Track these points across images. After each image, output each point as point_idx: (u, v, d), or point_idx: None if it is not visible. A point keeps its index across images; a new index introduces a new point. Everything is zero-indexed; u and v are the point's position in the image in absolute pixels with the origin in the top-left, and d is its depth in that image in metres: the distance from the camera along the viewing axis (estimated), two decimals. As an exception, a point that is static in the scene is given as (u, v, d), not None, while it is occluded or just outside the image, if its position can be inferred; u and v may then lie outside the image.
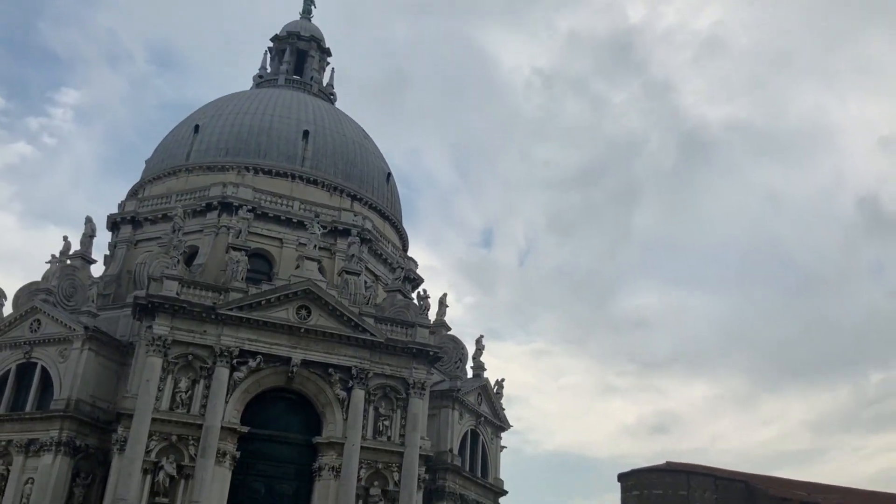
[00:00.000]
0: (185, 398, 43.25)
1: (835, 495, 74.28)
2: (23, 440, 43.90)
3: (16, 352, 47.06)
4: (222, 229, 56.89)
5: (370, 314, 48.81)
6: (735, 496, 72.39)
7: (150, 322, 43.85)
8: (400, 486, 45.50)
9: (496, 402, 58.11)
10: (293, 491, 45.23)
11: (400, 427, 47.04)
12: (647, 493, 72.17)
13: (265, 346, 45.33)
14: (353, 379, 46.39)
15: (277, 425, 45.99)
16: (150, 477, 41.22)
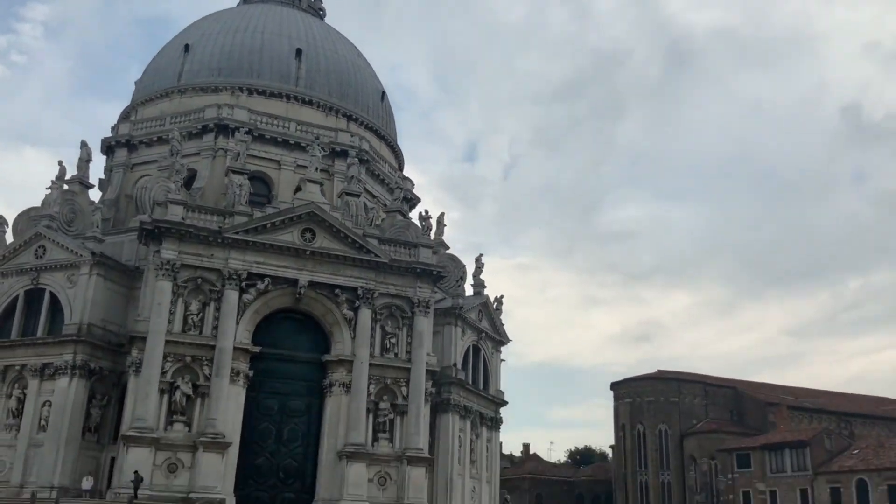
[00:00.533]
0: (196, 320, 43.99)
1: (820, 398, 77.41)
2: (37, 364, 44.72)
3: (22, 278, 47.37)
4: (219, 152, 56.68)
5: (374, 235, 49.34)
6: (724, 401, 75.29)
7: (158, 247, 44.14)
8: (408, 399, 46.99)
9: (496, 318, 59.47)
10: (305, 406, 46.63)
11: (406, 344, 48.23)
12: (640, 401, 74.80)
13: (272, 268, 45.87)
14: (360, 299, 47.23)
15: (287, 345, 47.00)
16: (167, 397, 42.32)
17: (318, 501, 44.12)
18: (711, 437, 69.44)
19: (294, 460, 45.63)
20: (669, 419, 72.42)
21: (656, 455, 71.83)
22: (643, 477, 72.25)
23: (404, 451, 45.76)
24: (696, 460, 69.69)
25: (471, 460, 53.91)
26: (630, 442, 73.65)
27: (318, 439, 45.91)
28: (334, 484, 44.27)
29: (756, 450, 62.17)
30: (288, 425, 46.03)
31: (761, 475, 61.15)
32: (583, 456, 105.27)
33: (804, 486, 58.15)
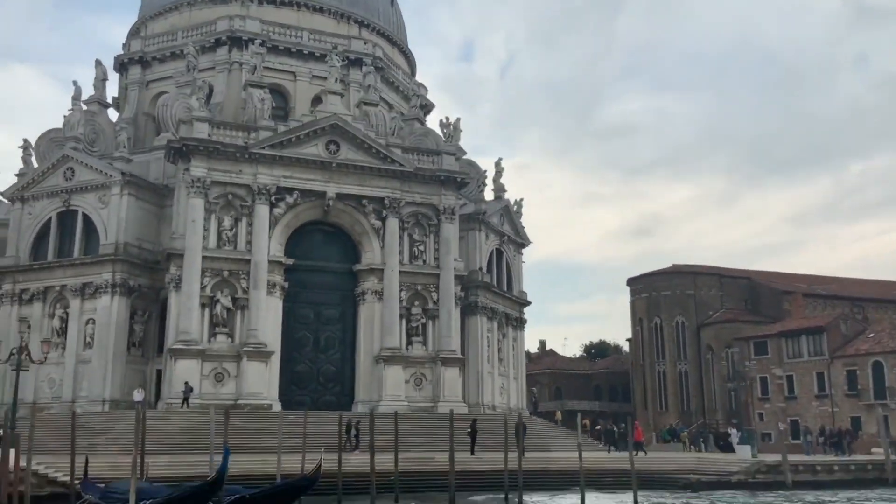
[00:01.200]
0: (230, 236, 44.92)
1: (832, 285, 78.87)
2: (77, 284, 45.94)
3: (53, 201, 48.04)
4: (234, 66, 56.27)
5: (397, 145, 49.62)
6: (738, 292, 76.83)
7: (187, 165, 44.60)
8: (438, 304, 48.38)
9: (517, 221, 60.30)
10: (339, 315, 48.13)
11: (434, 251, 49.26)
12: (656, 295, 76.39)
13: (300, 181, 46.43)
14: (386, 209, 47.97)
15: (318, 256, 48.10)
16: (208, 310, 43.72)
17: (357, 403, 46.08)
18: (727, 327, 71.40)
19: (332, 366, 47.47)
20: (686, 311, 74.29)
21: (673, 346, 74.03)
22: (661, 367, 74.70)
23: (438, 353, 47.45)
24: (713, 350, 71.90)
25: (498, 359, 55.81)
26: (647, 334, 75.76)
27: (353, 345, 47.62)
28: (373, 386, 46.19)
29: (773, 337, 64.06)
30: (324, 333, 47.65)
31: (778, 361, 63.26)
32: (597, 350, 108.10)
33: (821, 369, 60.23)
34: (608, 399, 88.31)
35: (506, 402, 55.85)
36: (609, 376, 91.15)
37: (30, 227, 48.37)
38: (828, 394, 59.81)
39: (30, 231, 48.32)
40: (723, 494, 28.86)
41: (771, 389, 63.96)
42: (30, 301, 47.11)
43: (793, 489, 30.66)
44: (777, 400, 63.54)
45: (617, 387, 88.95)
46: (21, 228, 48.44)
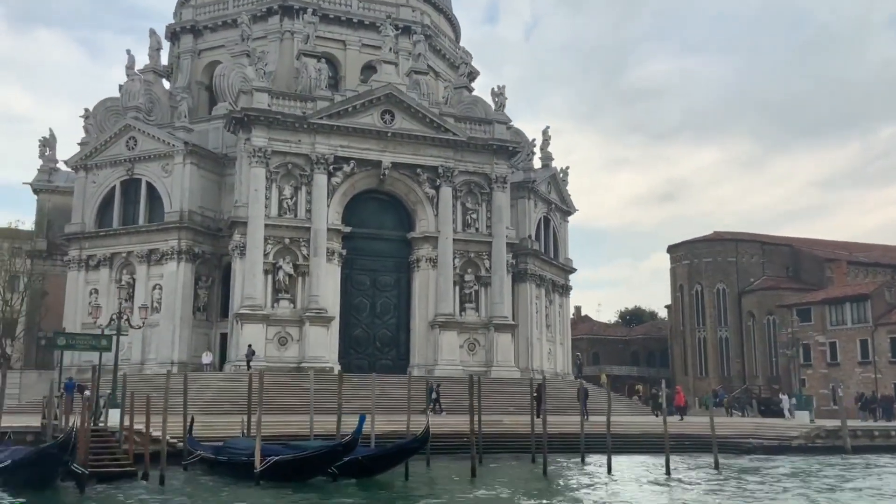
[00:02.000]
0: (290, 204, 46.09)
1: (874, 252, 78.79)
2: (143, 251, 47.48)
3: (117, 169, 49.41)
4: (286, 34, 56.98)
5: (450, 114, 50.30)
6: (780, 259, 77.00)
7: (248, 135, 45.64)
8: (491, 271, 49.39)
9: (563, 189, 60.91)
10: (394, 281, 49.33)
11: (486, 219, 50.16)
12: (697, 262, 76.77)
13: (356, 151, 47.36)
14: (440, 177, 48.82)
15: (374, 224, 49.20)
16: (271, 276, 45.09)
17: (413, 367, 47.40)
18: (769, 294, 71.74)
19: (388, 331, 48.79)
20: (727, 278, 74.64)
21: (714, 313, 74.56)
22: (701, 333, 75.37)
23: (491, 319, 48.55)
24: (754, 316, 72.40)
25: (546, 325, 56.86)
26: (688, 301, 76.35)
27: (408, 311, 48.85)
28: (428, 351, 47.50)
29: (817, 304, 64.44)
30: (380, 299, 48.92)
31: (821, 328, 63.73)
32: (632, 316, 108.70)
33: (864, 336, 60.65)
34: (646, 364, 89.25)
35: (553, 366, 57.03)
36: (646, 342, 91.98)
37: (94, 195, 49.85)
38: (871, 360, 60.26)
39: (94, 199, 49.82)
40: (788, 458, 29.78)
41: (813, 356, 64.51)
42: (97, 267, 48.77)
43: (852, 454, 31.58)
44: (819, 366, 64.16)
45: (654, 352, 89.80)
46: (86, 196, 49.94)
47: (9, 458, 19.41)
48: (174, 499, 19.31)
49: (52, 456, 19.04)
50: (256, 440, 20.44)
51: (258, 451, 20.31)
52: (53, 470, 19.43)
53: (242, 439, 25.02)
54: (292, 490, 20.47)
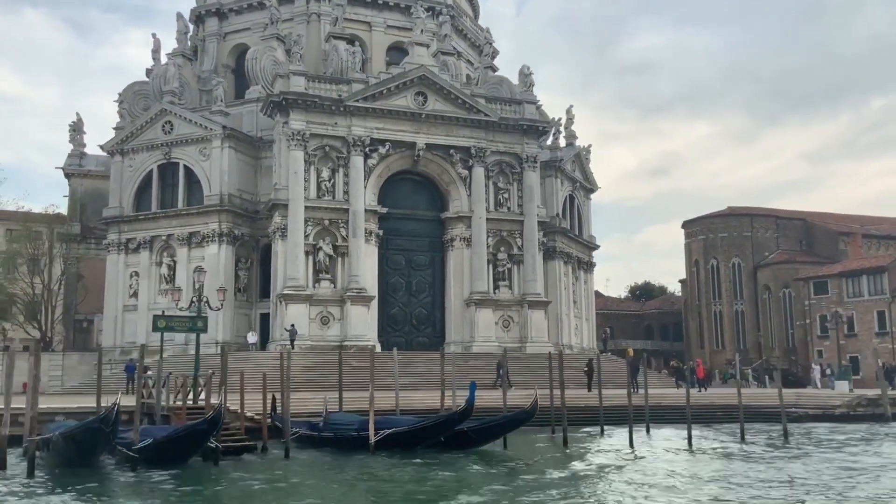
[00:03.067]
0: (328, 186, 46.91)
1: (885, 225, 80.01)
2: (183, 234, 48.30)
3: (154, 153, 50.07)
4: (312, 16, 57.59)
5: (481, 95, 51.05)
6: (794, 233, 78.15)
7: (286, 118, 46.31)
8: (523, 250, 50.40)
9: (587, 167, 61.81)
10: (428, 260, 50.32)
11: (517, 198, 51.07)
12: (713, 237, 77.87)
13: (391, 133, 48.12)
14: (472, 158, 49.65)
15: (408, 204, 50.09)
16: (312, 258, 46.01)
17: (449, 343, 48.47)
18: (784, 268, 72.97)
19: (423, 309, 49.86)
20: (742, 253, 75.81)
21: (730, 286, 75.84)
22: (717, 307, 76.73)
23: (524, 297, 49.63)
24: (770, 290, 73.72)
25: (573, 301, 57.99)
26: (704, 275, 77.60)
27: (442, 289, 49.90)
28: (464, 328, 48.60)
29: (834, 277, 65.77)
30: (415, 278, 49.94)
31: (838, 300, 65.05)
32: (643, 291, 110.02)
33: (881, 308, 62.04)
34: (660, 338, 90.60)
35: (580, 342, 58.30)
36: (660, 316, 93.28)
37: (131, 179, 50.56)
38: (888, 331, 61.65)
39: (131, 182, 50.53)
40: (835, 425, 31.08)
41: (830, 327, 65.87)
42: (136, 250, 49.59)
43: (892, 421, 32.91)
44: (837, 338, 65.52)
45: (668, 326, 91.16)
46: (122, 180, 50.64)
47: (147, 436, 20.35)
48: (310, 470, 20.34)
49: (202, 433, 20.06)
50: (370, 414, 21.52)
51: (371, 424, 21.40)
52: (197, 446, 20.48)
53: (339, 414, 26.06)
54: (412, 459, 21.59)
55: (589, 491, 17.42)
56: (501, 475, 19.87)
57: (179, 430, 20.85)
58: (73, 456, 19.83)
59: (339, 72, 50.72)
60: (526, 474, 19.75)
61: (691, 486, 17.82)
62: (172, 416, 23.70)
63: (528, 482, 18.50)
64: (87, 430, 19.53)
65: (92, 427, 19.41)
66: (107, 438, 19.42)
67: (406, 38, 58.82)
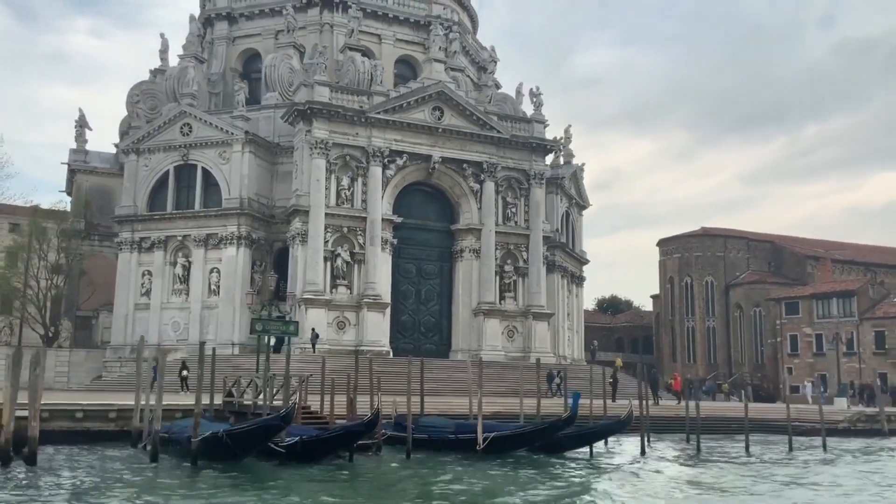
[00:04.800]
0: (348, 195, 48.22)
1: (847, 251, 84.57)
2: (200, 235, 48.97)
3: (171, 154, 50.60)
4: (325, 27, 58.77)
5: (494, 112, 52.97)
6: (764, 255, 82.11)
7: (309, 126, 47.47)
8: (528, 263, 52.39)
9: (581, 185, 64.26)
10: (437, 270, 51.95)
11: (524, 213, 53.05)
12: (688, 256, 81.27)
13: (409, 145, 49.67)
14: (484, 172, 51.50)
15: (419, 215, 51.62)
16: (330, 264, 47.21)
17: (455, 351, 50.17)
18: (756, 287, 76.66)
19: (432, 317, 51.44)
20: (716, 271, 79.33)
21: (703, 303, 79.26)
22: (690, 323, 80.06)
23: (528, 308, 51.60)
24: (741, 308, 77.31)
25: (566, 313, 60.24)
26: (678, 292, 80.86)
27: (450, 298, 51.56)
28: (471, 337, 50.31)
29: (805, 298, 69.53)
30: (424, 286, 51.49)
31: (809, 321, 68.84)
32: (609, 304, 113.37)
33: (850, 329, 65.91)
34: (630, 351, 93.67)
35: (571, 352, 60.55)
36: (630, 329, 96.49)
37: (146, 179, 50.96)
38: (856, 352, 65.47)
39: (146, 182, 50.92)
40: (841, 439, 33.79)
41: (800, 346, 69.59)
42: (150, 249, 50.01)
43: (889, 436, 35.80)
44: (806, 356, 69.26)
45: (638, 339, 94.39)
46: (137, 179, 51.00)
47: (294, 435, 21.44)
48: (438, 468, 21.83)
49: (358, 434, 21.40)
50: (478, 419, 23.07)
51: (480, 428, 22.95)
52: (348, 446, 21.75)
53: (428, 417, 27.47)
54: (521, 462, 23.24)
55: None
56: (623, 479, 21.59)
57: (336, 431, 22.10)
58: (232, 451, 20.94)
59: (356, 83, 52.09)
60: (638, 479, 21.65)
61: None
62: (298, 418, 24.79)
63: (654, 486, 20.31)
64: (266, 428, 20.77)
65: (271, 425, 20.67)
66: (274, 435, 20.68)
67: (414, 52, 60.80)
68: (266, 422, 20.80)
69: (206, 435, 20.46)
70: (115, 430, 25.62)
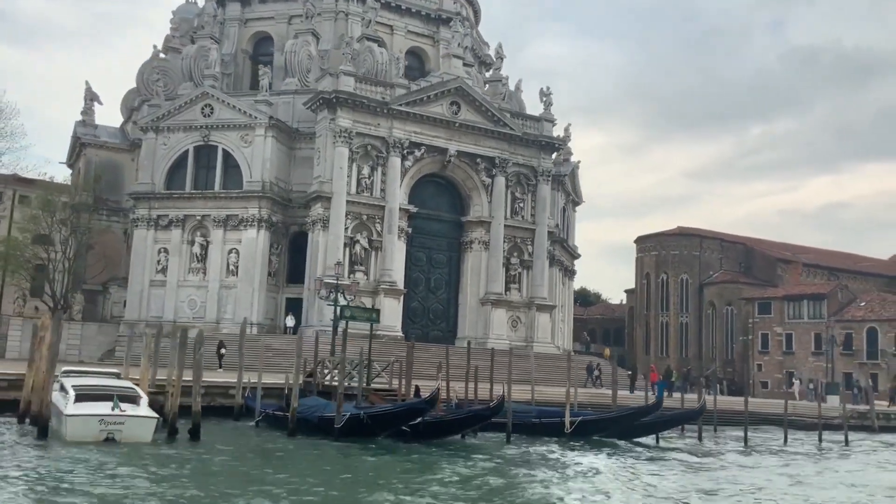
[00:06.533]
0: (367, 183, 49.65)
1: (810, 254, 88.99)
2: (220, 216, 49.81)
3: (191, 134, 51.19)
4: (340, 14, 59.71)
5: (507, 109, 54.82)
6: (736, 256, 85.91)
7: (333, 115, 48.67)
8: (533, 256, 54.60)
9: (577, 182, 66.66)
10: (446, 259, 53.77)
11: (531, 208, 55.18)
12: (665, 254, 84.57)
13: (427, 137, 51.26)
14: (496, 167, 53.41)
15: (431, 206, 53.31)
16: (349, 250, 48.64)
17: (461, 338, 52.02)
18: (728, 287, 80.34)
19: (440, 304, 53.30)
20: (691, 270, 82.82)
21: (677, 300, 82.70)
22: (664, 318, 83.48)
23: (532, 300, 53.84)
24: (714, 306, 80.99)
25: (560, 305, 62.65)
26: (654, 288, 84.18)
27: (457, 287, 53.48)
28: (477, 325, 52.34)
29: (777, 299, 73.36)
30: (434, 275, 53.29)
31: (780, 320, 72.71)
32: (578, 295, 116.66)
33: (819, 330, 69.90)
34: (602, 343, 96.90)
35: (562, 342, 63.04)
36: (602, 322, 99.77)
37: (165, 157, 51.48)
38: (824, 351, 69.50)
39: (165, 161, 51.45)
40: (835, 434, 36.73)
41: (771, 345, 73.49)
42: (167, 227, 50.64)
43: (878, 433, 39.04)
44: (776, 354, 73.17)
45: (609, 331, 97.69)
46: (156, 157, 51.49)
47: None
48: (545, 450, 23.75)
49: (484, 417, 23.23)
50: (566, 405, 25.07)
51: (568, 413, 24.96)
52: (472, 426, 23.57)
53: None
54: (605, 444, 25.25)
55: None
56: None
57: (467, 413, 23.88)
58: (371, 430, 22.75)
59: (374, 73, 53.33)
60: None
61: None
62: (371, 397, 26.44)
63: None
64: (410, 411, 22.73)
65: (417, 408, 22.63)
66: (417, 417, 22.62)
67: (423, 44, 62.25)
68: (412, 405, 22.56)
69: (348, 415, 22.16)
70: (205, 406, 26.83)
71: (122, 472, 16.32)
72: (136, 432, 19.67)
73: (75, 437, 19.36)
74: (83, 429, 19.28)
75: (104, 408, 19.73)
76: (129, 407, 20.10)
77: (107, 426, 19.34)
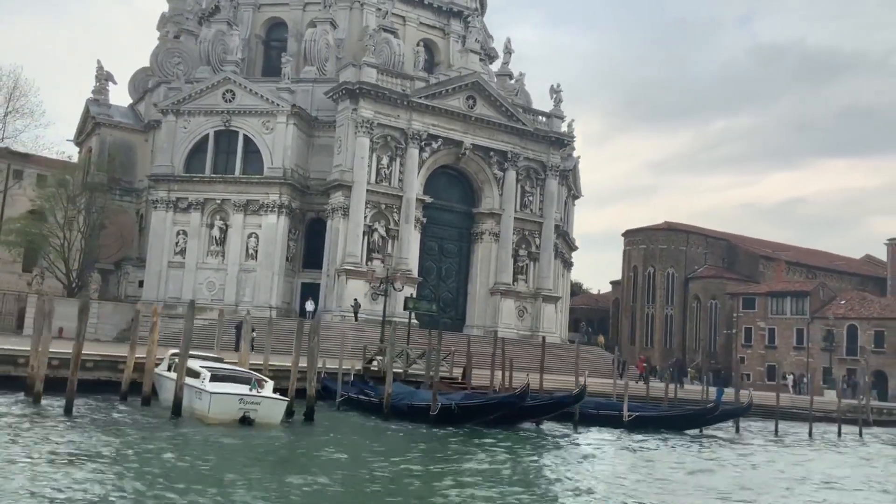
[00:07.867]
0: (386, 173, 50.91)
1: (790, 252, 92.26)
2: (241, 200, 50.72)
3: (212, 119, 51.92)
4: (355, 4, 60.56)
5: (520, 105, 56.34)
6: (719, 251, 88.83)
7: (355, 105, 49.79)
8: (540, 249, 56.41)
9: (577, 176, 68.57)
10: (456, 250, 55.31)
11: (539, 202, 56.91)
12: (653, 248, 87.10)
13: (444, 130, 52.64)
14: (508, 161, 54.99)
15: (444, 197, 54.72)
16: (367, 238, 49.96)
17: (470, 326, 53.79)
18: (713, 282, 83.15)
19: (449, 293, 54.88)
20: (677, 264, 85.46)
21: (663, 293, 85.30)
22: (650, 310, 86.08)
23: (538, 291, 55.69)
24: (699, 300, 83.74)
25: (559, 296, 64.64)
26: (641, 281, 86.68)
27: (466, 277, 55.10)
28: (486, 314, 54.05)
29: (762, 295, 76.24)
30: (444, 264, 54.82)
31: (763, 315, 75.63)
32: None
33: (801, 326, 72.93)
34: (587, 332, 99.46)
35: (561, 332, 65.08)
36: (587, 312, 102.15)
37: (185, 140, 52.16)
38: (805, 347, 72.59)
39: (185, 144, 52.14)
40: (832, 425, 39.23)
41: (754, 338, 76.43)
42: (186, 210, 51.42)
43: (872, 426, 41.69)
44: (759, 348, 76.14)
45: (594, 321, 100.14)
46: (175, 140, 52.15)
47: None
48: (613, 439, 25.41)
49: (565, 404, 24.79)
50: (625, 398, 26.83)
51: (626, 405, 26.73)
52: (552, 412, 25.18)
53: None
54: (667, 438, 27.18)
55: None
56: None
57: (550, 399, 25.52)
58: (460, 419, 24.22)
59: (390, 65, 54.49)
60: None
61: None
62: (439, 384, 27.93)
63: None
64: (502, 403, 24.30)
65: (508, 401, 24.21)
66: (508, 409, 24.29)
67: (434, 36, 63.46)
68: (505, 398, 24.17)
69: (440, 405, 23.78)
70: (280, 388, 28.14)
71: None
72: (270, 413, 21.00)
73: (216, 414, 20.55)
74: (224, 407, 20.50)
75: (243, 388, 21.02)
76: (262, 390, 21.48)
77: (245, 405, 20.59)
